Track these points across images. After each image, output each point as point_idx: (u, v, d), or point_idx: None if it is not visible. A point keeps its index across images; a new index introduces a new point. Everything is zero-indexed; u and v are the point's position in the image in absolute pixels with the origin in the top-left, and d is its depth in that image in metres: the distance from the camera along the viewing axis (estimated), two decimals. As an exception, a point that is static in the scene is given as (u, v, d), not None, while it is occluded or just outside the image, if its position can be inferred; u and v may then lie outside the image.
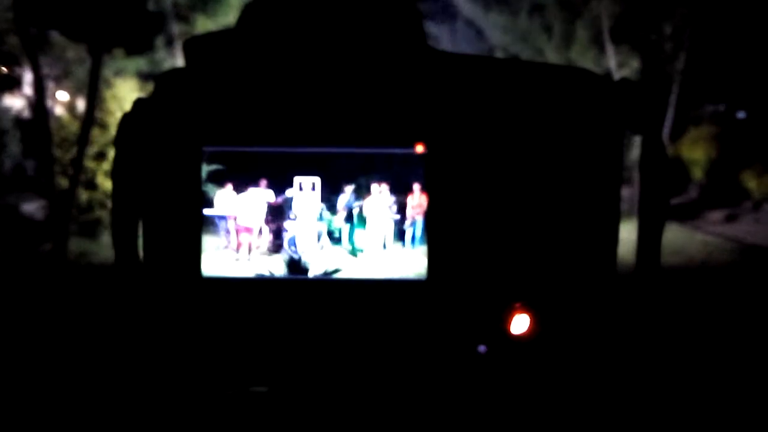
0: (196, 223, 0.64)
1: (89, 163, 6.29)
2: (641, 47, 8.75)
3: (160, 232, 0.65)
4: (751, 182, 8.56)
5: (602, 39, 8.93)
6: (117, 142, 0.67)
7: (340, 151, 0.63)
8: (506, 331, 0.64)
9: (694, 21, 8.15)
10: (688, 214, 8.82)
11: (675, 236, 7.06)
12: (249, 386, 0.71)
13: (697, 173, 9.68)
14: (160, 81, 0.66)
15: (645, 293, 0.67)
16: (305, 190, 0.65)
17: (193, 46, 0.66)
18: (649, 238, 0.66)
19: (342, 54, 0.63)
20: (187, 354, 0.66)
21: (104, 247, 6.04)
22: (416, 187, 0.64)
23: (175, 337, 0.68)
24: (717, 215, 8.76)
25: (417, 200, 0.65)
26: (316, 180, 0.65)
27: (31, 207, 6.66)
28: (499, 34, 9.84)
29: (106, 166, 6.41)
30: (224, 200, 0.65)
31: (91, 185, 6.38)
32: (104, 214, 6.32)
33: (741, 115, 10.48)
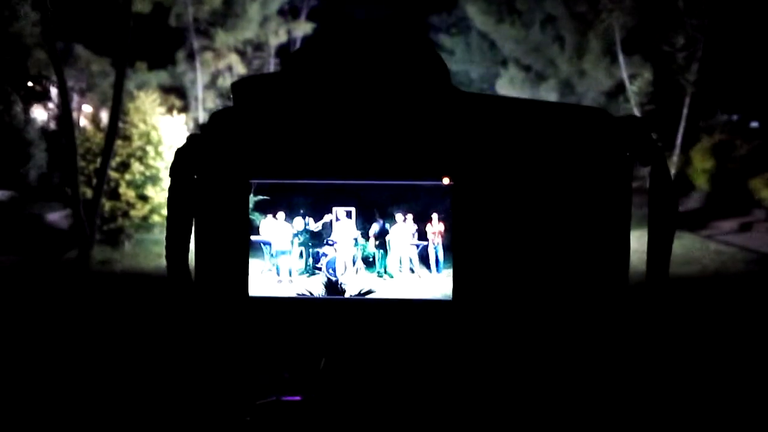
0: (244, 248, 0.71)
1: (112, 174, 6.43)
2: (654, 58, 8.74)
3: (212, 256, 0.72)
4: (764, 191, 8.47)
5: (614, 50, 8.94)
6: (172, 173, 0.74)
7: (374, 183, 0.70)
8: (525, 348, 0.69)
9: (707, 31, 8.13)
10: (701, 224, 8.75)
11: (689, 245, 7.01)
12: (283, 395, 0.78)
13: (710, 182, 9.61)
14: (212, 119, 0.73)
15: (655, 308, 0.72)
16: (342, 219, 0.71)
17: (241, 87, 0.73)
18: (658, 257, 0.71)
19: (376, 96, 0.70)
20: (233, 366, 0.73)
21: (126, 255, 6.17)
22: (434, 216, 0.70)
23: (222, 350, 0.74)
24: (730, 224, 8.67)
25: (435, 228, 0.71)
26: (352, 209, 0.71)
27: (56, 216, 6.82)
28: (511, 46, 9.88)
29: (129, 176, 6.56)
30: (268, 227, 0.72)
31: (115, 195, 6.53)
32: (127, 223, 6.45)
33: (754, 124, 10.40)
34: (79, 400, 2.17)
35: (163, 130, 7.00)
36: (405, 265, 0.70)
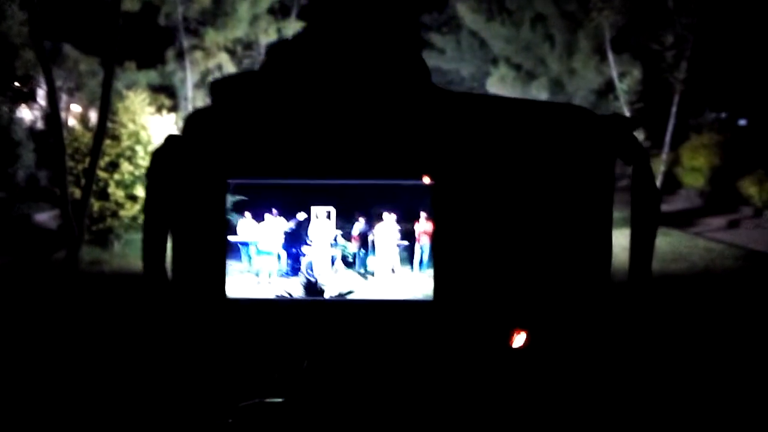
0: (222, 249, 0.70)
1: (101, 174, 6.38)
2: (643, 56, 8.80)
3: (189, 257, 0.71)
4: (751, 189, 8.55)
5: (604, 48, 8.98)
6: (149, 174, 0.72)
7: (353, 183, 0.69)
8: (507, 346, 0.69)
9: (697, 30, 8.18)
10: (689, 221, 8.81)
11: (678, 243, 7.04)
12: (264, 398, 0.77)
13: (698, 180, 9.68)
14: (189, 119, 0.71)
15: (637, 306, 0.72)
16: (321, 219, 0.70)
17: (219, 87, 0.72)
18: (640, 255, 0.71)
19: (354, 95, 0.69)
20: (212, 368, 0.72)
21: (115, 256, 6.12)
22: (422, 214, 0.69)
23: (201, 352, 0.73)
24: (718, 221, 8.74)
25: (423, 227, 0.70)
26: (331, 209, 0.70)
27: (44, 216, 6.75)
28: (502, 45, 9.90)
29: (118, 176, 6.51)
30: (247, 228, 0.71)
31: (104, 195, 6.47)
32: (116, 224, 6.40)
33: (742, 122, 10.50)
34: (62, 402, 2.14)
35: (153, 129, 6.96)
36: (388, 264, 0.69)
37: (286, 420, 0.77)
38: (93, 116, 7.29)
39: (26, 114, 7.14)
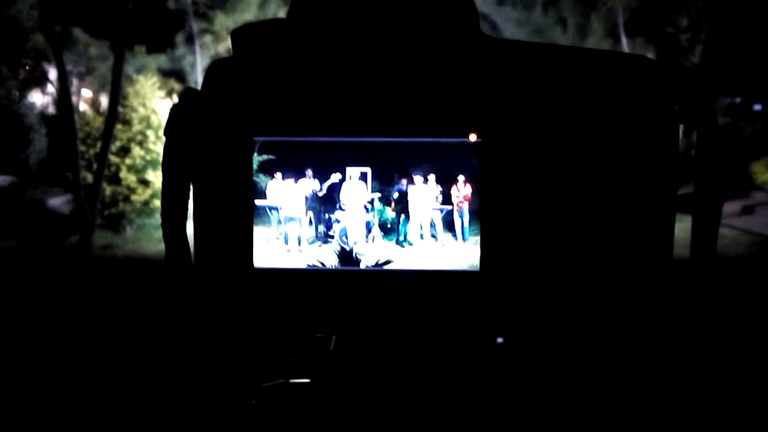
0: (248, 214, 0.64)
1: (113, 158, 6.40)
2: (657, 39, 8.66)
3: (211, 223, 0.66)
4: (766, 175, 8.42)
5: (617, 32, 8.86)
6: (167, 132, 0.67)
7: (392, 141, 0.63)
8: (559, 325, 0.63)
9: (712, 13, 8.03)
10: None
11: (690, 228, 6.92)
12: (289, 378, 0.72)
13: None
14: (210, 71, 0.66)
15: (700, 288, 0.66)
16: (356, 180, 0.65)
17: (242, 35, 0.66)
18: (705, 225, 0.65)
19: (394, 43, 0.62)
20: (236, 344, 0.67)
21: (128, 240, 6.14)
22: (461, 177, 0.63)
23: (226, 327, 0.68)
24: (732, 207, 8.63)
25: (462, 191, 0.64)
26: (367, 170, 0.64)
27: (57, 201, 6.79)
28: (513, 28, 9.81)
29: (129, 160, 6.52)
30: (275, 191, 0.65)
31: (115, 180, 6.50)
32: (128, 208, 6.43)
33: (757, 107, 10.34)
34: (80, 386, 2.14)
35: (163, 114, 6.95)
36: (426, 232, 0.64)
37: (313, 402, 0.72)
38: (104, 101, 7.30)
39: (38, 99, 7.16)
